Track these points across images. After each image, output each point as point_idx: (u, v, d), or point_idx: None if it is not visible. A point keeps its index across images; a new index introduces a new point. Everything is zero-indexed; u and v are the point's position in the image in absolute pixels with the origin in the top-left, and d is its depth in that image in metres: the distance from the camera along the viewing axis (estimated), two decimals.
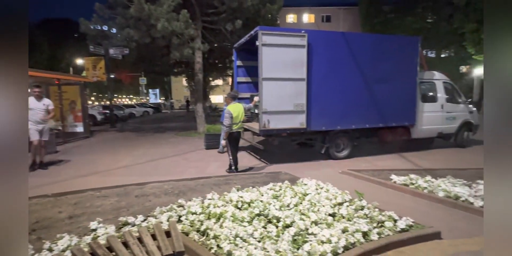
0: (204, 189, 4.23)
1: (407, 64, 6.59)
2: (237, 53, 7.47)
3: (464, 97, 7.75)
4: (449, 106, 7.30)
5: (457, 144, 7.62)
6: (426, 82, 7.16)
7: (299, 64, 5.63)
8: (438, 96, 7.22)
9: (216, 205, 3.31)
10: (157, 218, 3.06)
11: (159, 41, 9.91)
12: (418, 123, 6.84)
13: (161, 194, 4.06)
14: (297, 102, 5.67)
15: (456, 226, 3.13)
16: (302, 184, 4.15)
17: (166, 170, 5.82)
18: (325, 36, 6.04)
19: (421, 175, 4.59)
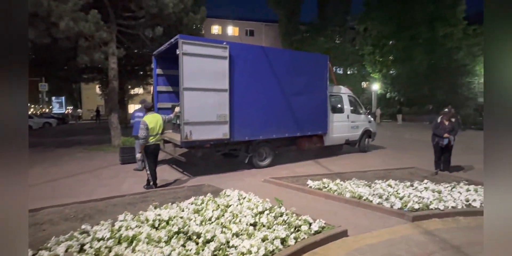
0: (116, 210, 3.79)
1: (319, 79, 7.39)
2: (156, 61, 7.12)
3: (364, 109, 9.08)
4: (353, 116, 8.44)
5: (360, 149, 8.83)
6: (335, 95, 8.14)
7: (221, 75, 5.70)
8: (344, 108, 8.27)
9: (129, 227, 3.00)
10: (51, 251, 2.58)
11: (62, 42, 8.72)
12: (330, 131, 7.69)
13: (59, 220, 3.47)
14: (220, 112, 5.70)
15: (359, 223, 3.56)
16: (225, 195, 4.13)
17: (69, 191, 5.03)
18: (246, 49, 6.29)
19: (332, 179, 5.12)
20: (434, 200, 3.97)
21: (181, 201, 3.91)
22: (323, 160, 7.66)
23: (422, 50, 21.63)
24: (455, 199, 4.07)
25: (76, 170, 6.55)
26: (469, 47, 21.61)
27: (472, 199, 4.05)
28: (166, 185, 5.28)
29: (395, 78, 24.20)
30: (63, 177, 6.00)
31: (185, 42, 5.28)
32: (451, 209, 3.82)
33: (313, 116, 7.26)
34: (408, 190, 4.45)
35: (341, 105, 8.26)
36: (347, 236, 3.21)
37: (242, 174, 6.15)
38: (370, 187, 4.67)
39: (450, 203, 3.91)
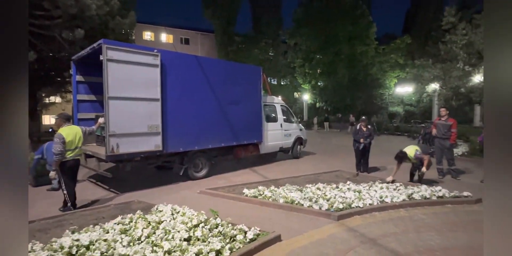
0: None
1: (253, 89, 7.65)
2: (76, 67, 6.40)
3: (295, 117, 9.71)
4: (286, 125, 8.94)
5: (293, 156, 9.36)
6: (269, 105, 8.52)
7: (152, 84, 5.44)
8: (278, 117, 8.71)
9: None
10: None
11: None
12: (265, 140, 7.97)
13: None
14: (151, 123, 5.41)
15: (292, 227, 3.74)
16: (157, 211, 3.91)
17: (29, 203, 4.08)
18: (179, 57, 6.15)
19: (267, 186, 5.29)
20: (355, 199, 4.44)
21: (106, 221, 3.55)
22: (259, 168, 7.87)
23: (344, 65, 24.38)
24: (372, 197, 4.61)
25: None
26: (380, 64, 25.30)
27: (384, 196, 4.64)
28: (88, 205, 4.73)
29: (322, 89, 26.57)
30: None
31: (110, 48, 4.91)
32: (369, 206, 4.32)
33: (249, 125, 7.45)
34: (334, 191, 4.87)
35: (275, 114, 8.68)
36: (281, 241, 3.34)
37: (177, 187, 5.90)
38: (302, 191, 4.97)
39: (368, 200, 4.42)
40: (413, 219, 4.07)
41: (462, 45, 10.39)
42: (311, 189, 5.06)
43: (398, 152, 5.69)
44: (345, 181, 5.65)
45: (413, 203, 4.55)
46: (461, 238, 3.45)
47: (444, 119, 6.49)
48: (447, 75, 11.23)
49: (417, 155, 5.58)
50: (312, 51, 25.69)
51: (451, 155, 6.53)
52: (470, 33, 10.22)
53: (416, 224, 3.87)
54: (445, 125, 6.44)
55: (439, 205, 4.61)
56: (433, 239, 3.41)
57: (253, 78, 7.69)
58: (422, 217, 4.13)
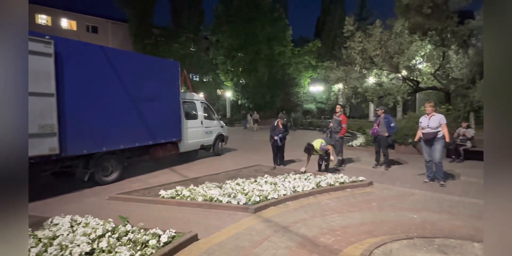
0: None
1: (170, 85, 7.26)
2: None
3: (217, 114, 9.68)
4: (207, 122, 8.82)
5: (215, 153, 9.34)
6: (188, 102, 8.25)
7: (43, 76, 4.61)
8: (198, 114, 8.52)
9: None
10: None
11: None
12: (184, 138, 7.70)
13: None
14: (44, 122, 4.59)
15: (210, 224, 3.71)
16: (52, 225, 3.35)
17: None
18: (80, 46, 5.38)
19: (186, 185, 5.13)
20: (271, 191, 4.68)
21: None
22: (179, 167, 7.57)
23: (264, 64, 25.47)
24: (286, 187, 4.95)
25: None
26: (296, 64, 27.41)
27: (297, 186, 5.04)
28: None
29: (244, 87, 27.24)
30: None
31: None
32: (283, 196, 4.62)
33: (166, 123, 7.06)
34: (252, 185, 5.04)
35: (195, 111, 8.46)
36: (198, 240, 3.27)
37: (81, 195, 5.18)
38: (221, 188, 4.98)
39: (282, 191, 4.73)
40: (320, 204, 4.53)
41: (358, 51, 12.07)
42: (230, 185, 5.11)
43: (306, 145, 6.26)
44: (263, 175, 5.92)
45: (320, 190, 5.07)
46: (356, 217, 4.01)
47: (337, 115, 7.47)
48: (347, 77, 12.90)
49: (322, 147, 6.24)
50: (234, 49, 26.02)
51: (339, 147, 7.49)
52: (365, 41, 11.94)
53: (322, 209, 4.32)
54: (337, 120, 7.41)
55: (341, 190, 5.26)
56: (335, 220, 3.87)
57: (170, 73, 7.30)
58: (327, 202, 4.64)
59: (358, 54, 12.16)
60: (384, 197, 4.94)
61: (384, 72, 12.75)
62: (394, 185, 5.68)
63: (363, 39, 11.98)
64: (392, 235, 3.38)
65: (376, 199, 4.81)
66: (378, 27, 11.71)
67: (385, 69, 12.30)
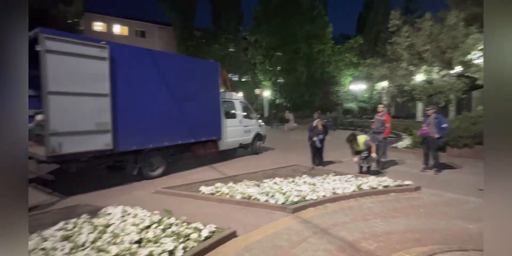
0: None
1: (211, 85, 7.50)
2: None
3: (255, 114, 9.77)
4: (245, 121, 8.95)
5: (253, 152, 9.43)
6: (228, 101, 8.45)
7: (100, 78, 5.05)
8: (237, 113, 8.68)
9: None
10: None
11: None
12: (224, 136, 7.90)
13: None
14: (100, 120, 5.03)
15: (248, 222, 3.76)
16: (105, 214, 3.66)
17: None
18: (131, 51, 5.82)
19: (225, 182, 5.26)
20: (309, 192, 4.60)
21: (46, 228, 3.23)
22: (218, 164, 7.80)
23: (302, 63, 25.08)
24: (325, 189, 4.83)
25: None
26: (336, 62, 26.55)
27: (337, 188, 4.89)
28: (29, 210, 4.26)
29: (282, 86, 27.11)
30: None
31: (48, 37, 4.44)
32: (322, 197, 4.51)
33: (207, 121, 7.31)
34: (290, 185, 5.00)
35: (234, 111, 8.64)
36: (236, 236, 3.34)
37: (130, 188, 5.60)
38: (259, 186, 5.02)
39: (321, 193, 4.62)
40: (361, 208, 4.34)
41: (405, 46, 11.29)
42: (268, 184, 5.13)
43: (349, 135, 6.07)
44: (301, 175, 5.84)
45: (362, 193, 4.85)
46: (401, 223, 3.77)
47: (380, 115, 7.06)
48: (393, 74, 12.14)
49: (366, 142, 5.95)
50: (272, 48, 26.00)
51: (383, 148, 7.07)
52: (412, 36, 11.13)
53: (364, 213, 4.13)
54: (380, 120, 7.00)
55: (384, 194, 4.98)
56: (378, 225, 3.67)
57: (211, 73, 7.54)
58: (370, 206, 4.42)
59: (405, 49, 11.38)
60: (433, 204, 4.57)
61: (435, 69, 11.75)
62: (445, 191, 5.23)
63: (410, 34, 11.18)
64: (442, 245, 3.12)
65: (424, 205, 4.47)
66: (428, 20, 10.82)
67: (436, 65, 11.33)
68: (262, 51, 26.72)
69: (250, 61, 28.41)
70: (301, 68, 25.02)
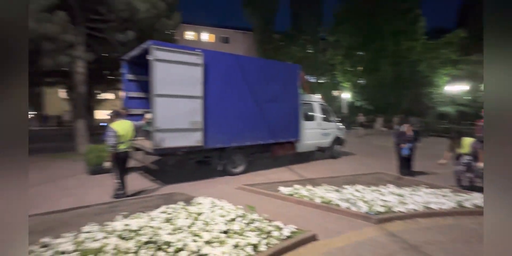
0: (81, 221, 3.61)
1: (291, 87, 7.61)
2: (127, 66, 6.95)
3: (334, 116, 9.47)
4: (324, 124, 8.77)
5: (331, 155, 9.15)
6: (307, 103, 8.42)
7: (194, 82, 5.69)
8: (316, 116, 8.58)
9: (94, 238, 2.89)
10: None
11: None
12: (302, 138, 7.90)
13: None
14: (193, 119, 5.67)
15: (328, 227, 3.70)
16: (197, 203, 4.11)
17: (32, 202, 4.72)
18: (220, 56, 6.34)
19: (304, 185, 5.27)
20: (397, 203, 4.23)
21: (151, 210, 3.83)
22: (295, 166, 7.84)
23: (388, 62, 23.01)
24: (416, 202, 4.36)
25: (38, 180, 6.15)
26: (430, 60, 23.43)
27: (430, 202, 4.36)
28: (136, 194, 5.13)
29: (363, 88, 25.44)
30: None
31: (157, 48, 5.24)
32: (412, 211, 4.09)
33: (286, 123, 7.45)
34: (373, 194, 4.70)
35: (313, 113, 8.56)
36: (317, 240, 3.32)
37: (215, 182, 6.14)
38: (339, 192, 4.87)
39: (411, 205, 4.19)
40: (462, 228, 3.78)
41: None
42: (349, 190, 4.93)
43: (453, 131, 5.34)
44: (386, 184, 5.41)
45: (463, 211, 4.21)
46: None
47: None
48: None
49: (474, 143, 5.08)
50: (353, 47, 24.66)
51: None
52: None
53: (466, 234, 3.58)
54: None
55: None
56: None
57: (291, 76, 7.65)
58: (474, 227, 3.81)
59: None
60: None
61: None
62: None
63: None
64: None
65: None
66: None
67: None
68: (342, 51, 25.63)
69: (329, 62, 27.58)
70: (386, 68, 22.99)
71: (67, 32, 8.25)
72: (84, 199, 4.82)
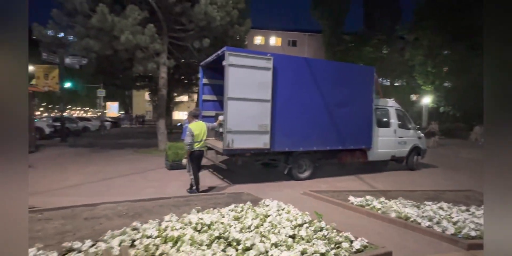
0: (162, 210, 4.06)
1: (364, 91, 7.20)
2: (203, 71, 7.58)
3: (413, 124, 8.59)
4: (401, 131, 8.03)
5: (408, 167, 8.31)
6: (381, 109, 7.84)
7: (264, 86, 5.86)
8: (391, 122, 7.92)
9: (174, 227, 3.21)
10: (107, 243, 2.86)
11: (121, 53, 9.69)
12: (374, 146, 7.39)
13: (114, 216, 3.82)
14: (262, 122, 5.84)
15: (406, 246, 3.37)
16: (264, 205, 4.19)
17: (121, 190, 5.52)
18: (289, 60, 6.41)
19: (376, 197, 4.91)
20: None
21: (222, 207, 4.06)
22: (366, 176, 7.36)
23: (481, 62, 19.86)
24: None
25: (127, 171, 7.14)
26: None
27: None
28: (207, 190, 5.53)
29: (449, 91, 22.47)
30: (116, 176, 6.60)
31: (231, 54, 5.56)
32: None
33: (357, 129, 7.05)
34: (463, 214, 4.10)
35: (388, 119, 7.92)
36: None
37: (281, 185, 6.19)
38: (419, 208, 4.39)
39: None
40: None
41: None
42: (431, 207, 4.40)
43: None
44: (480, 204, 4.66)
45: None
46: None
47: None
48: None
49: None
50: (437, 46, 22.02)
51: None
52: None
53: None
54: None
55: None
56: None
57: (365, 79, 7.23)
58: None
59: None
60: None
61: None
62: None
63: None
64: None
65: None
66: None
67: None
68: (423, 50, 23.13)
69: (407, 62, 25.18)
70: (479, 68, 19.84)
71: (155, 42, 9.40)
72: (164, 191, 5.42)
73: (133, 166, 7.79)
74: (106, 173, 6.88)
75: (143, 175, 6.79)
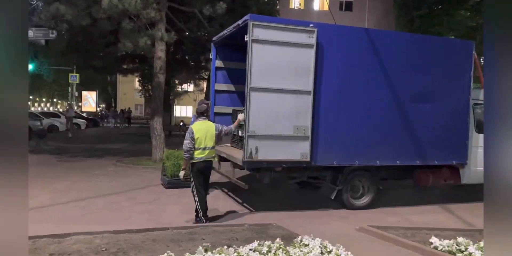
0: (155, 247, 4.20)
1: (457, 79, 6.95)
2: (216, 50, 7.69)
3: None
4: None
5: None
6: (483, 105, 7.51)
7: (303, 71, 5.85)
8: None
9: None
10: None
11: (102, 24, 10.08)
12: (471, 162, 7.10)
13: (89, 252, 4.00)
14: (299, 124, 5.84)
15: None
16: (301, 244, 4.20)
17: (100, 215, 5.77)
18: (342, 32, 6.37)
19: (473, 239, 4.74)
20: None
21: (240, 244, 4.12)
22: (457, 206, 7.12)
23: None
24: None
25: (108, 189, 7.47)
26: None
27: None
28: (219, 217, 5.65)
29: None
30: (93, 196, 6.92)
31: (256, 25, 5.56)
32: None
33: (445, 136, 6.82)
34: None
35: None
36: None
37: (327, 215, 6.18)
38: None
39: None
40: None
41: None
42: None
43: None
44: None
45: None
46: None
47: None
48: None
49: None
50: None
51: None
52: None
53: None
54: None
55: None
56: None
57: (458, 60, 6.98)
58: None
59: None
60: None
61: None
62: None
63: None
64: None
65: None
66: None
67: None
68: None
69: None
70: None
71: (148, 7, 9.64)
72: (159, 219, 5.61)
73: (116, 182, 8.12)
74: (80, 191, 7.22)
75: (131, 195, 7.05)
